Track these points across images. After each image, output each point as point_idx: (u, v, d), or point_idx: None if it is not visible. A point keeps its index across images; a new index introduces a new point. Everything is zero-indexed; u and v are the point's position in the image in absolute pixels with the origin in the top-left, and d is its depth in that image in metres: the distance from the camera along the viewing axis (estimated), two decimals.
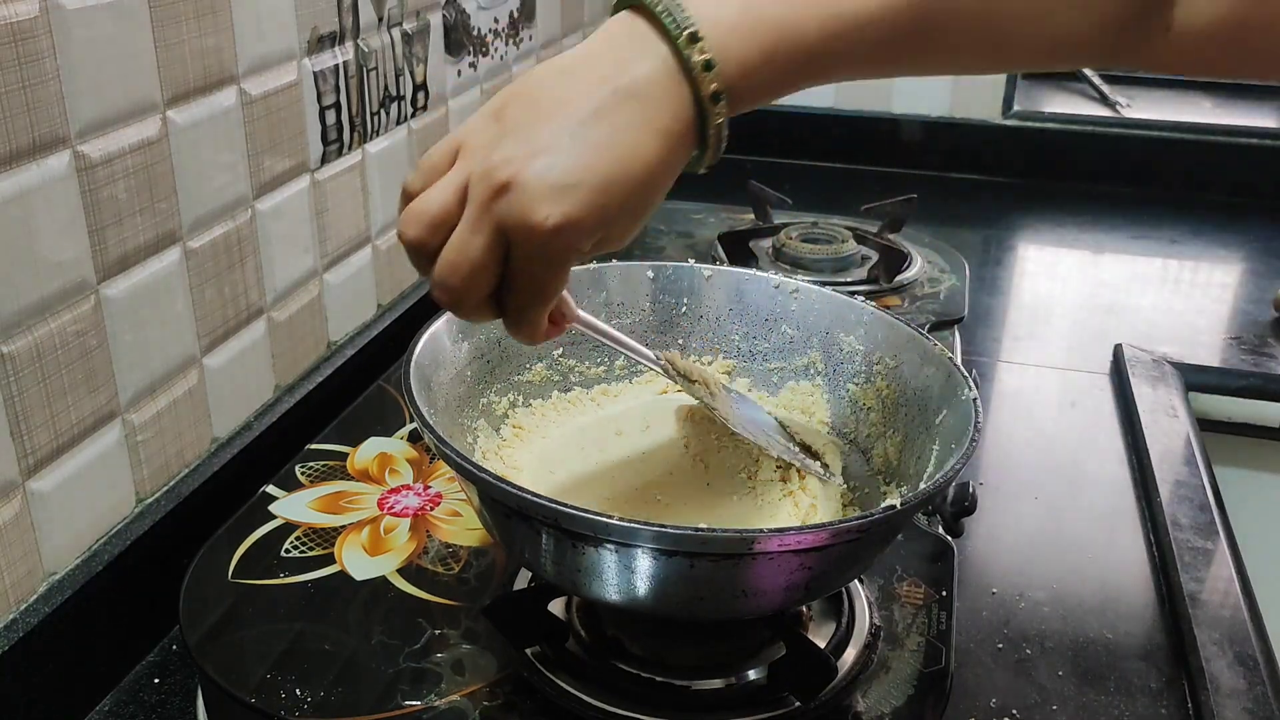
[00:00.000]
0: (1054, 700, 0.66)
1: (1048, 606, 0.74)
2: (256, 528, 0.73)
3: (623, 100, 0.47)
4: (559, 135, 0.46)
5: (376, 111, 0.94)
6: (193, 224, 0.73)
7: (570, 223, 0.46)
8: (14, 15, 0.57)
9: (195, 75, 0.72)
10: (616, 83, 0.48)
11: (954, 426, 0.61)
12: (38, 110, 0.59)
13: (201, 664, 0.63)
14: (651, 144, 0.48)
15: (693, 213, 1.32)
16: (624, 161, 0.47)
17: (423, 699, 0.60)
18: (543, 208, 0.46)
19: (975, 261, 1.31)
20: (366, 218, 0.95)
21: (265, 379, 0.84)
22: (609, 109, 0.47)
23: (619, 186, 0.47)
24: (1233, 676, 0.67)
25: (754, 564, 0.53)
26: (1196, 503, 0.85)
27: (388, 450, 0.83)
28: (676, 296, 0.75)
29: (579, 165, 0.46)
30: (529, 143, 0.47)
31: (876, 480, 0.68)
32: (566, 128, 0.47)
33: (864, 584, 0.70)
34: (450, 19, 1.05)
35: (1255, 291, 1.27)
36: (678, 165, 0.50)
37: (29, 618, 0.62)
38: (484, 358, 0.70)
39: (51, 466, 0.64)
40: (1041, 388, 1.06)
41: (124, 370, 0.69)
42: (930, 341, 0.67)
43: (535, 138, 0.47)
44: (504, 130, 0.48)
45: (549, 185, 0.46)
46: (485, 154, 0.47)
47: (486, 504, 0.57)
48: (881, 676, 0.63)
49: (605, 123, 0.47)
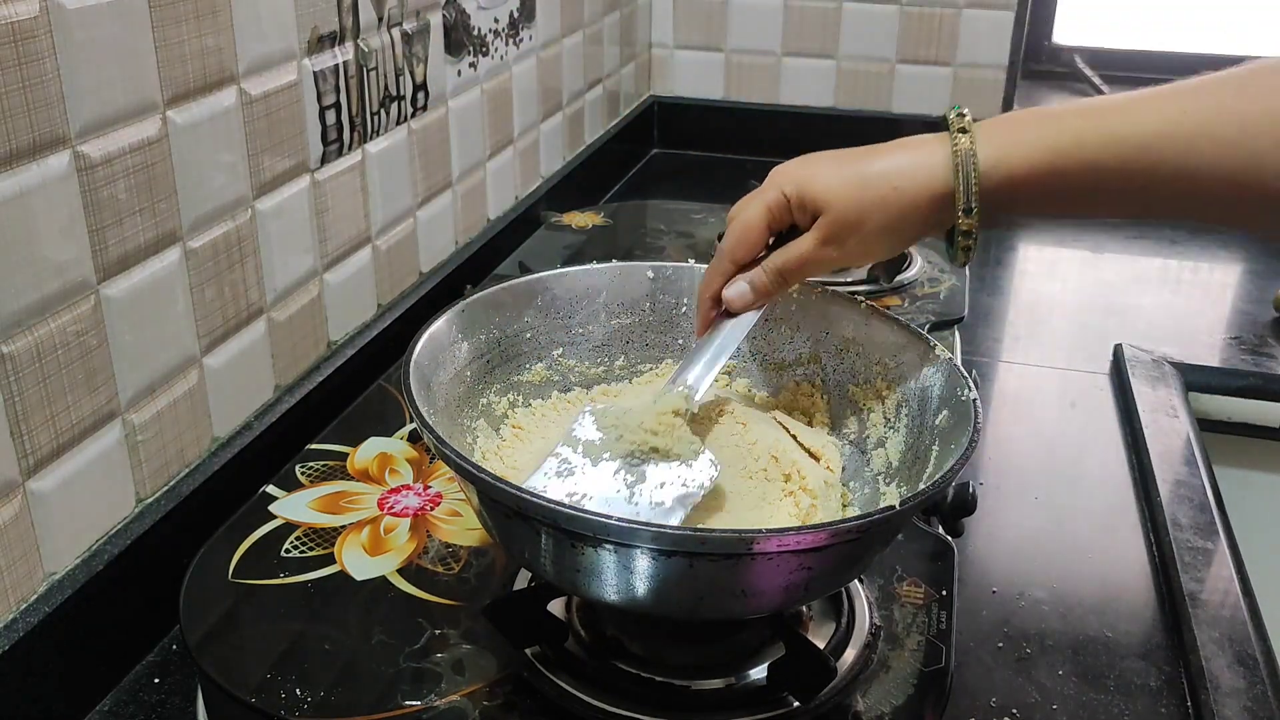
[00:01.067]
0: (1054, 699, 0.66)
1: (1048, 606, 0.74)
2: (256, 528, 0.73)
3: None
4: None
5: (376, 111, 0.94)
6: (193, 224, 0.73)
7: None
8: (14, 15, 0.57)
9: (195, 75, 0.72)
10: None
11: (954, 426, 0.61)
12: (38, 110, 0.59)
13: (201, 664, 0.63)
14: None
15: (693, 213, 1.32)
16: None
17: (423, 699, 0.60)
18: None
19: (975, 261, 1.30)
20: (366, 218, 0.95)
21: (265, 379, 0.84)
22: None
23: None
24: (1233, 676, 0.67)
25: (753, 564, 0.53)
26: (1196, 503, 0.85)
27: (388, 450, 0.83)
28: (676, 296, 0.75)
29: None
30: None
31: (876, 480, 0.68)
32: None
33: (864, 584, 0.69)
34: (450, 19, 1.05)
35: (1255, 291, 1.27)
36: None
37: (29, 618, 0.62)
38: (484, 358, 0.70)
39: (51, 466, 0.64)
40: (1041, 388, 1.06)
41: (124, 370, 0.69)
42: (930, 342, 0.67)
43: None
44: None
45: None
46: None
47: (486, 504, 0.57)
48: (881, 676, 0.63)
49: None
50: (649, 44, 1.70)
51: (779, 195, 0.63)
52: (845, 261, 0.63)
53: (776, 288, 0.65)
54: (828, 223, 0.62)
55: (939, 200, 0.60)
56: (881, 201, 0.61)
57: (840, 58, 1.63)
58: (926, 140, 0.61)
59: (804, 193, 0.62)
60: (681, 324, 0.76)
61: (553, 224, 1.29)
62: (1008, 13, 1.55)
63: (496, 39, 1.16)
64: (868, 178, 0.61)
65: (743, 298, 0.65)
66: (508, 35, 1.18)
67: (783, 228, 0.65)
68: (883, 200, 0.61)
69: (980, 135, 0.59)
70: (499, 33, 1.16)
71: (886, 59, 1.61)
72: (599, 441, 0.63)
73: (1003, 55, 1.57)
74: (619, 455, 0.62)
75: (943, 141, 0.60)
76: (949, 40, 1.58)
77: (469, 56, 1.10)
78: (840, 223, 0.62)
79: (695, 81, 1.71)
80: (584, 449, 0.63)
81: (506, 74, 1.20)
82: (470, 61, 1.11)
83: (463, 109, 1.10)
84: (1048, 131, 0.58)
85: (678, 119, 1.73)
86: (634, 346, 0.76)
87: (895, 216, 0.61)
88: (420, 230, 1.05)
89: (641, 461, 0.62)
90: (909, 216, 0.61)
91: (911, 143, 0.61)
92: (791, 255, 0.64)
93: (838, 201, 0.61)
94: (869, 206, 0.61)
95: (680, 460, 0.62)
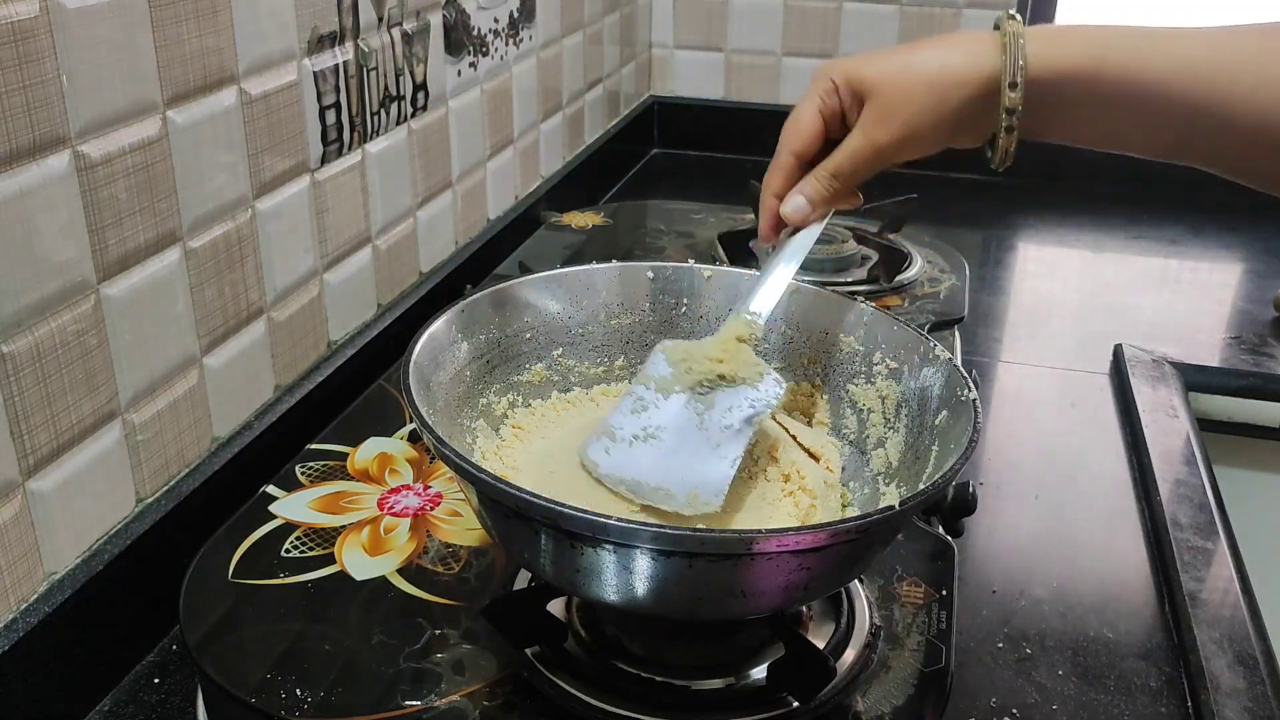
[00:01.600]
0: (1054, 699, 0.66)
1: (1048, 606, 0.74)
2: (256, 528, 0.73)
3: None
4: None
5: (376, 111, 0.94)
6: (193, 224, 0.73)
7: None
8: (14, 15, 0.57)
9: (195, 75, 0.72)
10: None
11: (954, 426, 0.61)
12: (38, 110, 0.59)
13: (201, 664, 0.63)
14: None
15: (693, 213, 1.32)
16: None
17: (423, 699, 0.60)
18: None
19: (975, 261, 1.31)
20: (366, 218, 0.95)
21: (265, 379, 0.84)
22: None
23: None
24: (1233, 676, 0.67)
25: (753, 564, 0.53)
26: (1196, 502, 0.85)
27: (388, 450, 0.83)
28: (676, 296, 0.75)
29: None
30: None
31: (876, 480, 0.68)
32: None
33: (864, 584, 0.70)
34: (450, 19, 1.05)
35: (1255, 291, 1.27)
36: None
37: (29, 618, 0.62)
38: (483, 358, 0.70)
39: (51, 466, 0.64)
40: (1041, 388, 1.06)
41: (124, 370, 0.69)
42: (930, 342, 0.67)
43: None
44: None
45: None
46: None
47: (486, 504, 0.57)
48: (881, 676, 0.63)
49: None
50: (649, 44, 1.70)
51: (827, 83, 0.65)
52: (893, 152, 0.64)
53: (831, 192, 0.66)
54: (875, 105, 0.63)
55: (986, 81, 0.61)
56: (929, 80, 0.62)
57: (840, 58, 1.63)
58: (975, 33, 0.63)
59: (851, 76, 0.64)
60: (681, 324, 0.76)
61: (553, 224, 1.29)
62: None
63: (496, 39, 1.16)
64: (915, 60, 0.63)
65: (799, 210, 0.66)
66: (508, 35, 1.18)
67: (835, 118, 0.66)
68: (930, 79, 0.62)
69: (1029, 30, 0.61)
70: (499, 33, 1.16)
71: None
72: (670, 376, 0.65)
73: None
74: (688, 386, 0.64)
75: (991, 35, 0.62)
76: None
77: (469, 56, 1.10)
78: (888, 105, 0.63)
79: (695, 81, 1.71)
80: (656, 384, 0.65)
81: (506, 74, 1.20)
82: (470, 61, 1.11)
83: (463, 109, 1.10)
84: (1096, 36, 0.60)
85: (678, 119, 1.73)
86: (634, 346, 0.76)
87: (941, 97, 0.62)
88: (420, 230, 1.05)
89: (710, 389, 0.64)
90: (956, 95, 0.62)
91: (959, 34, 0.64)
92: (841, 153, 0.65)
93: (885, 83, 0.63)
94: (916, 86, 0.62)
95: (746, 383, 0.64)
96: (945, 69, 0.62)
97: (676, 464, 0.62)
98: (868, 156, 0.64)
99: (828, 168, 0.65)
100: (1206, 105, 0.58)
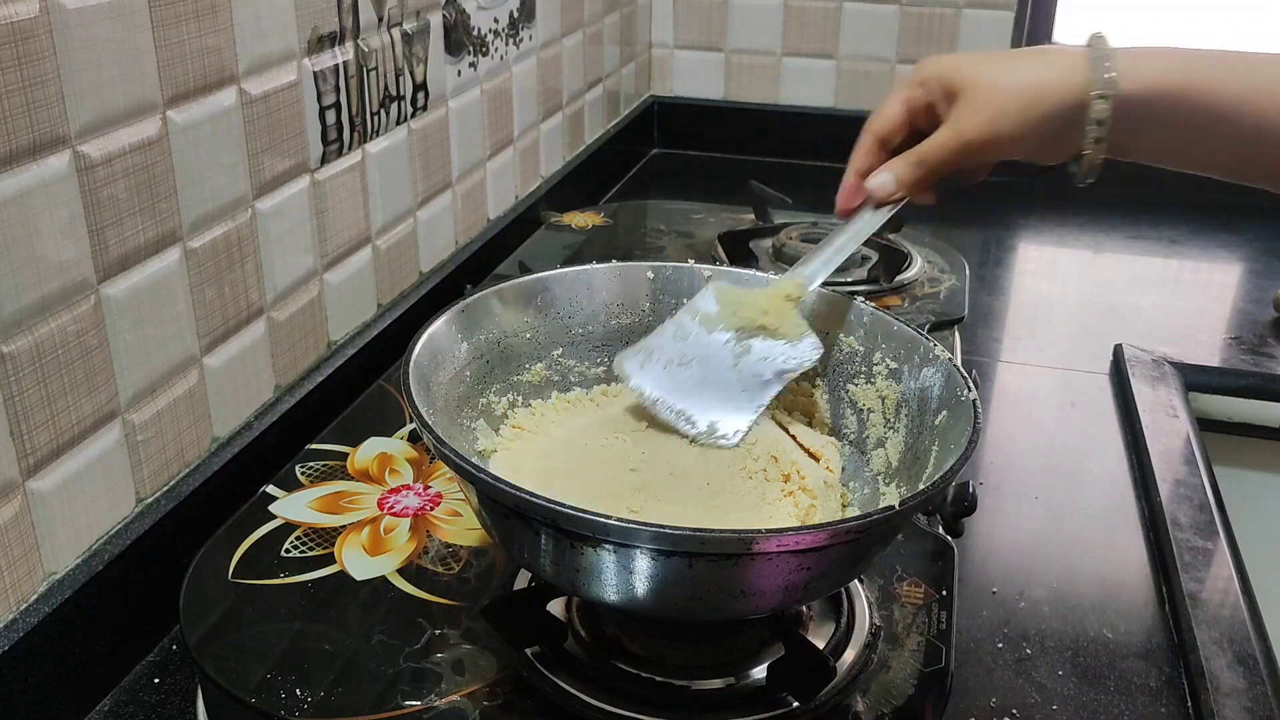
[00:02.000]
0: (1054, 700, 0.66)
1: (1048, 606, 0.74)
2: (256, 528, 0.73)
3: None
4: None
5: (376, 111, 0.94)
6: (193, 224, 0.73)
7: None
8: (14, 15, 0.57)
9: (195, 75, 0.72)
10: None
11: (954, 426, 0.61)
12: (38, 110, 0.59)
13: (201, 664, 0.63)
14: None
15: (693, 213, 1.32)
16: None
17: (423, 699, 0.60)
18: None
19: (975, 261, 1.31)
20: (366, 218, 0.95)
21: (265, 379, 0.84)
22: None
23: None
24: (1233, 676, 0.67)
25: (752, 564, 0.53)
26: (1196, 503, 0.85)
27: (388, 450, 0.83)
28: (676, 296, 0.75)
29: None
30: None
31: (876, 480, 0.68)
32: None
33: (864, 584, 0.70)
34: (450, 19, 1.05)
35: (1255, 291, 1.27)
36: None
37: (29, 618, 0.62)
38: (483, 358, 0.70)
39: (51, 466, 0.64)
40: (1041, 388, 1.06)
41: (124, 370, 0.69)
42: (930, 342, 0.67)
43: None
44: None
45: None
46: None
47: (485, 504, 0.57)
48: (881, 676, 0.63)
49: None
50: (649, 44, 1.70)
51: (920, 74, 0.67)
52: (978, 148, 0.65)
53: (915, 177, 0.68)
54: (966, 101, 0.65)
55: (1076, 93, 0.63)
56: (1020, 85, 0.64)
57: (840, 58, 1.63)
58: (1068, 48, 0.65)
59: (945, 72, 0.66)
60: None
61: (553, 224, 1.29)
62: (1008, 13, 1.55)
63: (496, 39, 1.16)
64: (1009, 65, 0.65)
65: (884, 187, 0.68)
66: (508, 35, 1.18)
67: (921, 111, 0.68)
68: (1021, 85, 0.64)
69: (1120, 48, 0.64)
70: (499, 33, 1.16)
71: (886, 59, 1.61)
72: (715, 314, 0.68)
73: None
74: (732, 328, 0.68)
75: (1083, 50, 0.64)
76: (949, 40, 1.58)
77: (469, 56, 1.10)
78: (978, 102, 0.64)
79: (695, 81, 1.71)
80: (701, 319, 0.69)
81: (506, 74, 1.20)
82: (470, 61, 1.11)
83: (463, 109, 1.10)
84: (1184, 56, 0.63)
85: (678, 119, 1.73)
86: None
87: (1031, 102, 0.64)
88: (420, 230, 1.05)
89: (750, 336, 0.68)
90: (1045, 103, 0.63)
91: (1054, 48, 0.67)
92: (928, 142, 0.67)
93: (978, 81, 0.65)
94: (1008, 88, 0.64)
95: (786, 340, 0.67)
96: (1038, 78, 0.64)
97: (703, 395, 0.67)
98: (953, 149, 0.66)
99: (915, 153, 0.68)
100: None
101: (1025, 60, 0.66)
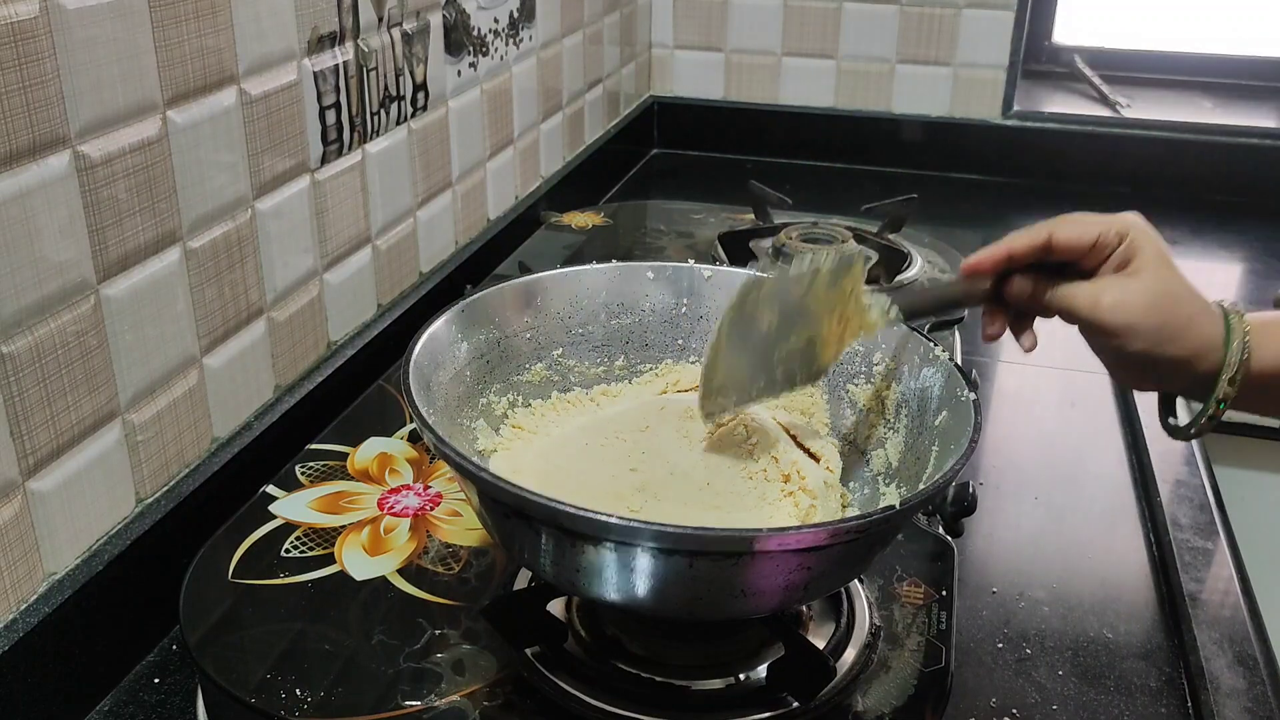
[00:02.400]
0: (1054, 700, 0.66)
1: (1048, 606, 0.74)
2: (256, 528, 0.73)
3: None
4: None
5: (376, 111, 0.94)
6: (193, 224, 0.73)
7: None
8: (14, 15, 0.57)
9: (195, 75, 0.72)
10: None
11: (954, 426, 0.61)
12: (38, 110, 0.59)
13: (201, 664, 0.63)
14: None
15: (693, 213, 1.32)
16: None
17: (423, 699, 0.60)
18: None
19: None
20: (366, 218, 0.95)
21: (265, 379, 0.84)
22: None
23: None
24: (1233, 676, 0.67)
25: (753, 564, 0.53)
26: (1196, 503, 0.85)
27: (388, 450, 0.83)
28: (676, 296, 0.75)
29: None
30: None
31: (876, 480, 0.68)
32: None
33: (864, 584, 0.70)
34: (450, 19, 1.05)
35: (1255, 291, 1.27)
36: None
37: (29, 618, 0.62)
38: (483, 358, 0.70)
39: (51, 466, 0.64)
40: (1041, 388, 1.06)
41: (124, 370, 0.69)
42: (930, 342, 0.67)
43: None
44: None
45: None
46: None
47: (486, 504, 0.57)
48: (881, 676, 0.63)
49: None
50: (649, 44, 1.70)
51: (1117, 221, 0.64)
52: (1099, 325, 0.63)
53: (1033, 305, 0.67)
54: (1131, 277, 0.62)
55: (1210, 357, 0.62)
56: (1169, 314, 0.62)
57: (840, 58, 1.63)
58: (1210, 311, 0.63)
59: (1135, 237, 0.63)
60: (681, 324, 0.76)
61: (553, 224, 1.29)
62: (1008, 12, 1.55)
63: (496, 39, 1.16)
64: (1183, 291, 0.63)
65: (1026, 341, 0.70)
66: (508, 35, 1.18)
67: (1085, 251, 0.64)
68: (1169, 314, 0.62)
69: (1255, 322, 0.63)
70: (499, 33, 1.16)
71: (886, 59, 1.61)
72: (787, 296, 0.65)
73: (1002, 55, 1.57)
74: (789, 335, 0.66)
75: (1221, 318, 0.63)
76: (949, 40, 1.58)
77: (469, 56, 1.10)
78: (1133, 288, 0.62)
79: (695, 81, 1.71)
80: (769, 285, 0.66)
81: (506, 74, 1.20)
82: (470, 61, 1.11)
83: (463, 109, 1.10)
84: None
85: (678, 119, 1.73)
86: (634, 346, 0.76)
87: (1171, 335, 0.62)
88: (420, 230, 1.05)
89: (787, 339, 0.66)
90: (1180, 343, 0.62)
91: (1205, 309, 0.63)
92: (1072, 288, 0.64)
93: (1146, 271, 0.62)
94: (1162, 305, 0.62)
95: (798, 387, 0.68)
96: (1190, 322, 0.62)
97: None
98: (1084, 306, 0.63)
99: (1052, 297, 0.65)
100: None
101: (1197, 302, 0.63)
